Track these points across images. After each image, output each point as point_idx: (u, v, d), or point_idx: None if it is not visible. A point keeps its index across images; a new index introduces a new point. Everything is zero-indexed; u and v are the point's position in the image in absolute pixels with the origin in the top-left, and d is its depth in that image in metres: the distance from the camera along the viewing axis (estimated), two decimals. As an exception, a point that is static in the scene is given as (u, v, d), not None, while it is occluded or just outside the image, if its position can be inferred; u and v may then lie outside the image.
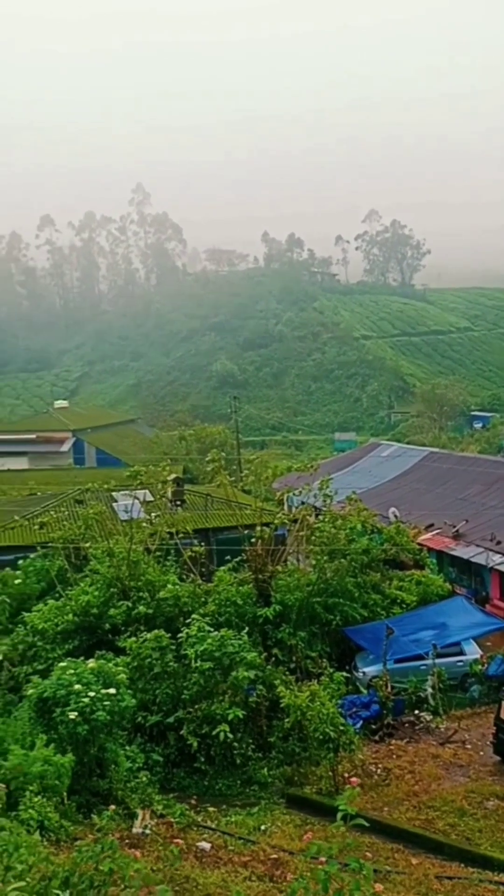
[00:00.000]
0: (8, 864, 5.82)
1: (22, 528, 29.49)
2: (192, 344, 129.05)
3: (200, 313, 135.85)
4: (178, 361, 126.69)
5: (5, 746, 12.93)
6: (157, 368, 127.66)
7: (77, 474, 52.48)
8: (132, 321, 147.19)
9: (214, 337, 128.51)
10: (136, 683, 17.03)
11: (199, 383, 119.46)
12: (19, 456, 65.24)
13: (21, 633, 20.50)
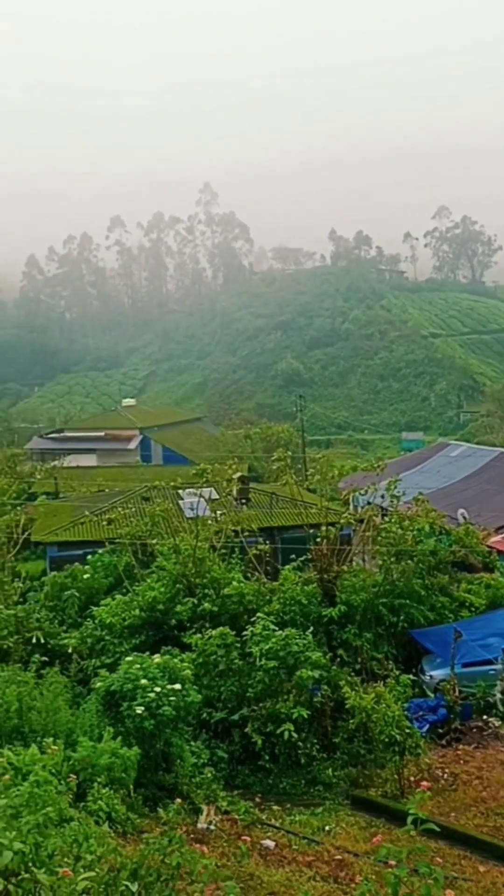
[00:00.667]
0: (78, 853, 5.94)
1: (91, 524, 30.06)
2: (257, 342, 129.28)
3: (266, 312, 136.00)
4: (244, 360, 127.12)
5: (74, 738, 13.18)
6: (222, 367, 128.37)
7: (144, 471, 53.18)
8: (198, 320, 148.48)
9: (280, 335, 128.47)
10: (201, 680, 17.14)
11: (265, 382, 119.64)
12: (88, 453, 66.47)
13: (90, 627, 20.87)
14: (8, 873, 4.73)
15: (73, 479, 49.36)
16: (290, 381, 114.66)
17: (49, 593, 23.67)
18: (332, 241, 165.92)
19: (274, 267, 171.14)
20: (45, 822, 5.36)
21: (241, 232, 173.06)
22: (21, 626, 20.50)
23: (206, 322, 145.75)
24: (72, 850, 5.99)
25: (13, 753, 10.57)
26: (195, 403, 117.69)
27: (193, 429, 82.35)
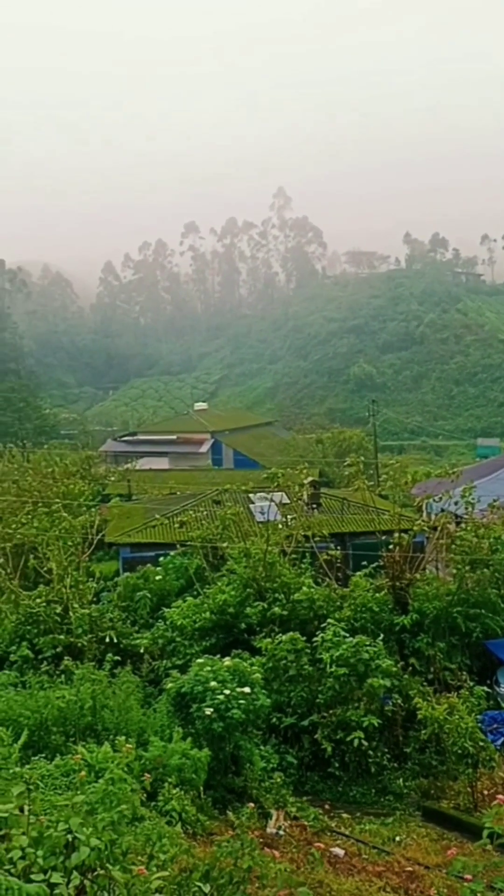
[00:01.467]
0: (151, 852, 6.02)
1: (162, 526, 30.45)
2: (329, 347, 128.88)
3: (339, 316, 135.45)
4: (316, 364, 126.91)
5: (146, 737, 13.37)
6: (294, 371, 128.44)
7: (215, 475, 53.60)
8: (271, 325, 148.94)
9: (353, 339, 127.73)
10: (270, 684, 17.14)
11: (337, 386, 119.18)
12: (160, 456, 67.40)
13: (161, 629, 21.11)
14: (84, 869, 4.82)
15: (145, 482, 50.09)
16: (362, 386, 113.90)
17: (122, 594, 24.07)
18: (407, 244, 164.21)
19: (347, 271, 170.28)
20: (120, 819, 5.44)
21: (315, 236, 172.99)
22: (95, 625, 20.87)
23: (278, 326, 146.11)
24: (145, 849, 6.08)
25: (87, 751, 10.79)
26: (266, 408, 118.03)
27: (264, 433, 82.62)
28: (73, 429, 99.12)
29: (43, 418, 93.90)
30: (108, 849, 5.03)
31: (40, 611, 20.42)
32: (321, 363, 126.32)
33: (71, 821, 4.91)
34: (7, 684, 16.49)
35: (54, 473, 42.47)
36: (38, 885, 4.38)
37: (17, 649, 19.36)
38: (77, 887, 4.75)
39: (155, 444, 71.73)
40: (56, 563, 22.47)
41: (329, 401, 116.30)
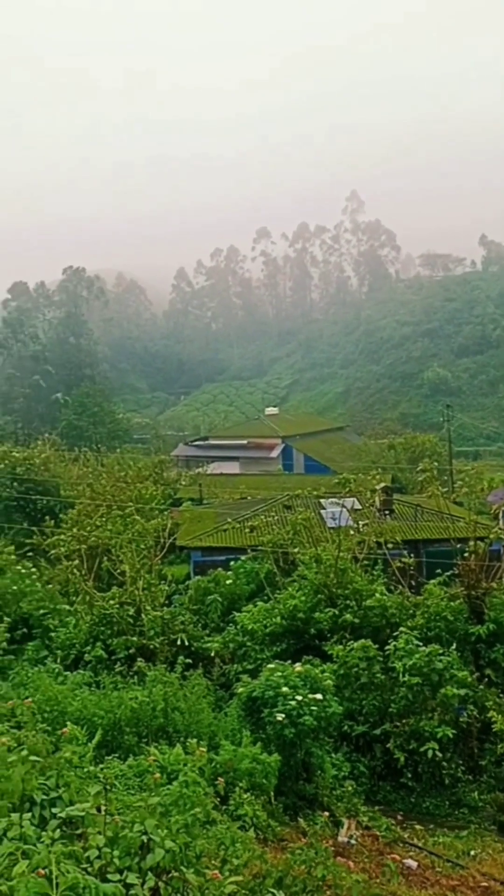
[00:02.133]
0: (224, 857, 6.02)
1: (233, 531, 30.60)
2: (402, 351, 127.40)
3: (412, 320, 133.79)
4: (388, 369, 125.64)
5: (217, 741, 13.40)
6: (366, 376, 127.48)
7: (285, 480, 53.57)
8: (342, 329, 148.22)
9: (427, 343, 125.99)
10: (342, 691, 16.98)
11: (410, 391, 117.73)
12: (231, 461, 67.75)
13: (232, 633, 21.17)
14: (159, 870, 4.85)
15: (216, 486, 50.43)
16: (436, 391, 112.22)
17: (193, 597, 24.25)
18: (483, 246, 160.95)
19: (421, 274, 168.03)
20: (194, 822, 5.46)
21: (388, 239, 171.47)
22: (167, 627, 21.08)
23: (350, 331, 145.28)
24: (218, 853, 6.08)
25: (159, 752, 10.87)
26: (338, 413, 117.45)
27: (336, 438, 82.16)
28: (145, 433, 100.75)
29: (116, 423, 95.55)
30: (183, 851, 5.04)
31: (114, 612, 20.74)
32: (394, 367, 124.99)
33: (146, 822, 4.94)
34: (82, 684, 16.79)
35: (127, 477, 43.13)
36: (114, 885, 4.42)
37: (91, 649, 19.70)
38: (151, 889, 4.78)
39: (226, 448, 72.11)
40: (129, 566, 22.78)
41: (402, 406, 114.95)
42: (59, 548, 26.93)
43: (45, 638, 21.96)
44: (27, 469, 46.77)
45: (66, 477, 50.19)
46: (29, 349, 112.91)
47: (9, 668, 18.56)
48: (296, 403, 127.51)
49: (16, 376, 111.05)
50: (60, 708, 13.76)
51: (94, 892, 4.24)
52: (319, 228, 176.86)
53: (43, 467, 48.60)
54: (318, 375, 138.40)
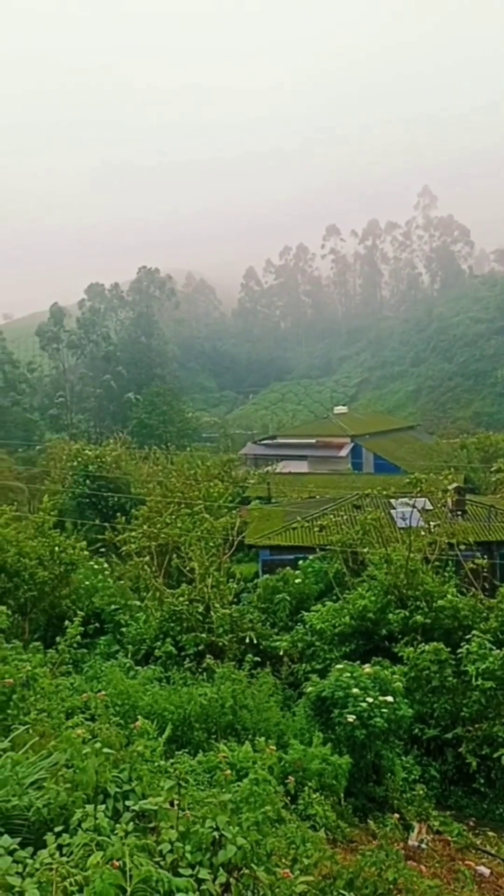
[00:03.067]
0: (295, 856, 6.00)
1: (302, 530, 30.53)
2: (476, 348, 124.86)
3: (486, 317, 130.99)
4: (461, 367, 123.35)
5: (285, 740, 13.40)
6: (437, 374, 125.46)
7: (354, 479, 53.17)
8: (413, 326, 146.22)
9: (501, 341, 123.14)
10: (412, 694, 16.75)
11: (483, 389, 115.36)
12: (300, 459, 67.57)
13: (300, 632, 21.12)
14: (230, 867, 4.86)
15: (284, 485, 50.41)
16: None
17: (261, 595, 24.28)
18: None
19: (496, 270, 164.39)
20: (264, 820, 5.46)
21: (461, 234, 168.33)
22: (235, 625, 21.17)
23: (422, 328, 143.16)
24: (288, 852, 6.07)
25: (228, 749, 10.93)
26: (408, 411, 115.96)
27: (406, 437, 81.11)
28: (214, 432, 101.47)
29: (185, 422, 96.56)
30: (254, 849, 5.05)
31: (183, 609, 20.93)
32: (466, 365, 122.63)
33: (218, 818, 4.97)
34: (152, 679, 17.02)
35: (196, 475, 43.50)
36: (186, 880, 4.46)
37: (161, 645, 19.93)
38: (222, 885, 4.80)
39: (294, 447, 71.97)
40: (198, 563, 22.97)
41: (475, 404, 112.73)
42: (130, 544, 27.36)
43: (117, 633, 22.33)
44: (99, 467, 47.69)
45: (136, 475, 51.00)
46: (101, 349, 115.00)
47: (82, 662, 18.94)
48: (365, 402, 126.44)
49: (89, 376, 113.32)
50: (132, 702, 13.98)
51: (166, 885, 4.28)
52: (390, 225, 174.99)
53: (114, 465, 49.47)
54: (388, 374, 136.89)
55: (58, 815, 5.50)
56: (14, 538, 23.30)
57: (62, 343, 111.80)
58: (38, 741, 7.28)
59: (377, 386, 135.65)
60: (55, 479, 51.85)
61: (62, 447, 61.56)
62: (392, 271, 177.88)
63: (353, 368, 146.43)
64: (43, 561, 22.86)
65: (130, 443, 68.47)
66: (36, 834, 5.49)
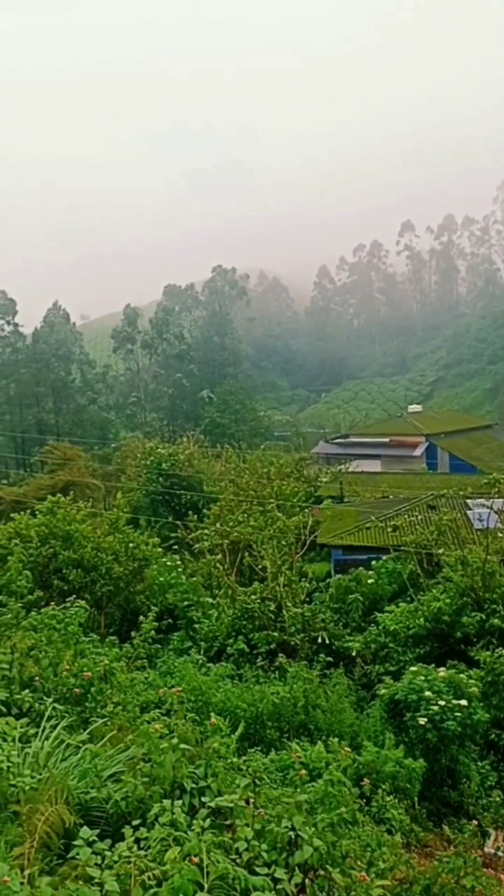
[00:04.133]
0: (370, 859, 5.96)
1: (375, 530, 30.25)
2: None
3: None
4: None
5: (358, 741, 13.30)
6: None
7: (429, 479, 52.35)
8: (491, 323, 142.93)
9: None
10: (489, 699, 16.38)
11: None
12: (373, 458, 66.94)
13: (373, 633, 20.92)
14: (306, 868, 4.86)
15: (357, 484, 50.03)
16: None
17: (334, 595, 24.14)
18: None
19: None
20: (339, 822, 5.44)
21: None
22: (307, 625, 21.11)
23: (500, 325, 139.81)
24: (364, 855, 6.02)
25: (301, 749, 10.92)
26: (485, 410, 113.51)
27: (483, 437, 79.40)
28: (286, 431, 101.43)
29: (258, 420, 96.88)
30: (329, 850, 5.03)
31: (255, 607, 20.99)
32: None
33: (294, 818, 4.97)
34: (224, 676, 17.14)
35: (269, 474, 43.59)
36: (262, 879, 4.47)
37: (233, 643, 20.04)
38: (297, 885, 4.79)
39: (367, 446, 71.36)
40: (270, 562, 23.00)
41: None
42: (203, 542, 27.60)
43: (189, 629, 22.58)
44: (172, 465, 48.28)
45: (209, 473, 51.40)
46: (174, 348, 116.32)
47: (156, 657, 19.21)
48: (440, 401, 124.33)
49: (162, 375, 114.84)
50: (204, 698, 14.10)
51: (242, 883, 4.31)
52: (468, 220, 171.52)
53: (187, 463, 50.00)
54: (464, 371, 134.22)
55: (135, 809, 5.59)
56: (91, 534, 23.80)
57: (136, 343, 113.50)
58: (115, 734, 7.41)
59: (453, 384, 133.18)
60: (130, 476, 52.77)
61: (136, 445, 62.61)
62: (469, 267, 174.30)
63: (429, 366, 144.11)
64: (118, 556, 23.27)
65: (203, 441, 69.07)
66: (114, 826, 5.61)
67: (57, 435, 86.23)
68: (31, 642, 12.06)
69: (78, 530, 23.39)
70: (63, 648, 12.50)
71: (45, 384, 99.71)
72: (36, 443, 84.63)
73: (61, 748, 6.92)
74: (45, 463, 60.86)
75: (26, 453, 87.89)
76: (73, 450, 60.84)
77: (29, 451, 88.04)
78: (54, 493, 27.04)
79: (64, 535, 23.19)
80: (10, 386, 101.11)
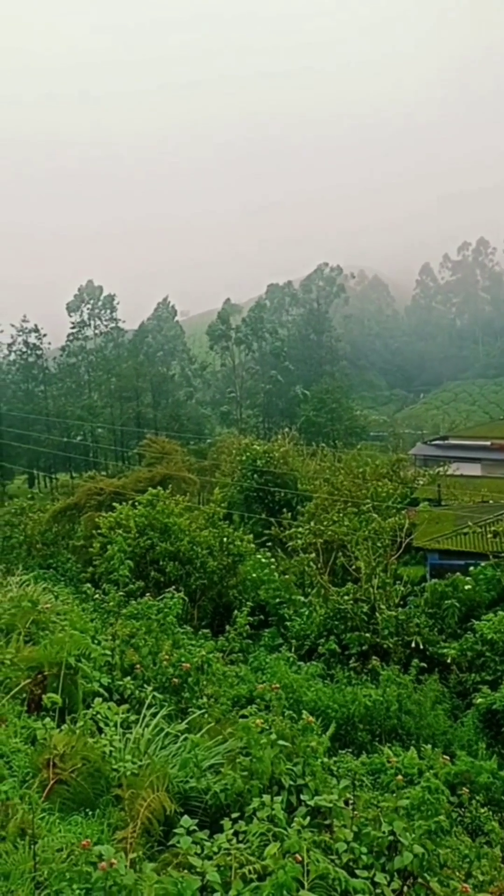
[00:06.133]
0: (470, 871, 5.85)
1: (474, 535, 29.54)
2: None
3: None
4: None
5: (452, 749, 13.06)
6: None
7: (531, 485, 50.69)
8: None
9: None
10: None
11: None
12: (472, 462, 65.27)
13: (470, 640, 20.45)
14: (405, 874, 4.81)
15: (455, 488, 48.90)
16: None
17: (429, 600, 23.72)
18: None
19: None
20: (437, 829, 5.36)
21: None
22: (401, 628, 20.87)
23: None
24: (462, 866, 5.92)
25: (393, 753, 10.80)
26: None
27: None
28: (382, 431, 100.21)
29: (354, 420, 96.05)
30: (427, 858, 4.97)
31: (348, 608, 20.89)
32: None
33: (395, 823, 4.93)
34: (315, 675, 17.13)
35: (365, 474, 43.14)
36: (362, 881, 4.46)
37: (325, 642, 20.00)
38: (396, 891, 4.76)
39: (467, 449, 69.60)
40: (364, 563, 22.83)
41: None
42: (296, 540, 27.62)
43: (281, 626, 22.66)
44: (267, 462, 48.44)
45: (303, 471, 51.32)
46: (270, 345, 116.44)
47: (247, 652, 19.38)
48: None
49: (258, 372, 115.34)
50: (296, 696, 14.14)
51: (343, 884, 4.31)
52: None
53: (282, 461, 50.05)
54: None
55: (234, 801, 5.66)
56: (187, 527, 24.20)
57: (230, 340, 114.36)
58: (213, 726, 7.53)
59: None
60: (225, 472, 53.30)
61: (232, 441, 63.14)
62: None
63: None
64: (213, 551, 23.59)
65: (298, 439, 69.03)
66: (212, 817, 5.70)
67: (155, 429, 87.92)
68: (131, 630, 12.38)
69: (175, 523, 23.83)
70: (161, 638, 12.77)
71: (145, 379, 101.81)
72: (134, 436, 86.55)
73: (161, 736, 7.08)
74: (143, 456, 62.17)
75: (125, 446, 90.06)
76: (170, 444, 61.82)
77: (128, 444, 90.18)
78: (153, 486, 27.61)
79: (162, 528, 23.66)
80: (111, 380, 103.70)
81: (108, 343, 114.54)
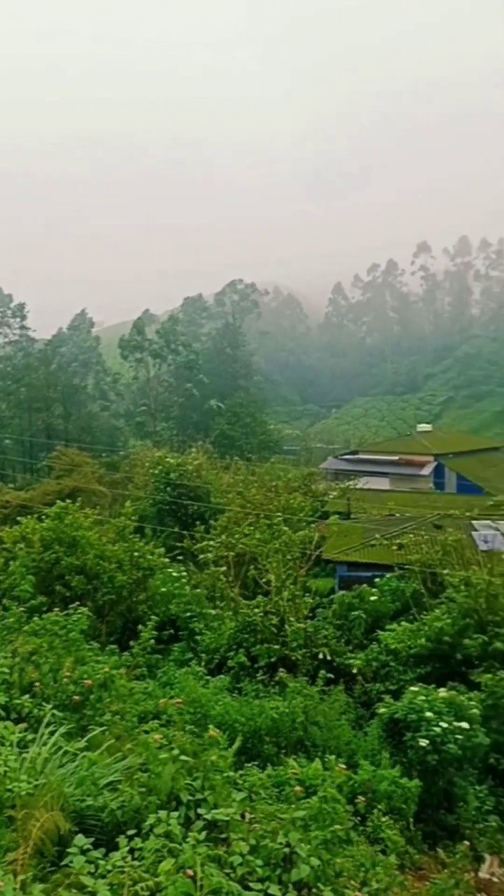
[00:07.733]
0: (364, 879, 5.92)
1: (381, 547, 30.14)
2: None
3: None
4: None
5: (355, 759, 13.23)
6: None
7: (436, 499, 52.09)
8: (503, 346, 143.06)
9: None
10: (489, 722, 16.26)
11: None
12: (381, 476, 66.67)
13: (375, 651, 20.82)
14: (300, 885, 4.83)
15: (364, 501, 49.77)
16: None
17: (337, 612, 24.04)
18: None
19: None
20: (333, 839, 5.41)
21: None
22: (309, 640, 21.04)
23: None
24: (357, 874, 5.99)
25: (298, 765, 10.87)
26: (495, 432, 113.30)
27: (492, 458, 78.98)
28: (295, 445, 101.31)
29: (267, 433, 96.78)
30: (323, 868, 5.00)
31: (258, 620, 20.94)
32: None
33: (290, 835, 4.95)
34: (224, 688, 17.08)
35: (277, 487, 43.46)
36: (256, 894, 4.45)
37: (234, 655, 19.98)
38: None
39: (376, 463, 71.08)
40: (275, 576, 22.95)
41: None
42: (208, 553, 27.56)
43: (191, 640, 22.52)
44: (180, 475, 48.20)
45: (216, 484, 51.29)
46: (184, 358, 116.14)
47: (156, 667, 19.17)
48: (450, 421, 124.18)
49: (172, 384, 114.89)
50: (203, 711, 14.06)
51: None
52: (484, 243, 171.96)
53: (195, 474, 49.88)
54: (474, 393, 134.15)
55: (131, 818, 5.58)
56: (95, 541, 23.79)
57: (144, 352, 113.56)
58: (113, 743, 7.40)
59: (463, 405, 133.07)
60: (137, 485, 52.74)
61: (145, 454, 62.58)
62: (483, 289, 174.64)
63: (439, 386, 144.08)
64: (122, 565, 23.26)
65: (212, 452, 69.00)
66: (108, 835, 5.60)
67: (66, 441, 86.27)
68: (32, 647, 12.06)
69: (84, 537, 23.38)
70: (64, 655, 12.49)
71: (56, 389, 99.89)
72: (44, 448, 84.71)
73: (59, 755, 6.92)
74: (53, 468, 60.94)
75: (33, 458, 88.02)
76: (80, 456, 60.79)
77: (36, 455, 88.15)
78: (61, 499, 27.05)
79: (69, 542, 23.18)
80: (20, 390, 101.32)
81: (17, 352, 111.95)
